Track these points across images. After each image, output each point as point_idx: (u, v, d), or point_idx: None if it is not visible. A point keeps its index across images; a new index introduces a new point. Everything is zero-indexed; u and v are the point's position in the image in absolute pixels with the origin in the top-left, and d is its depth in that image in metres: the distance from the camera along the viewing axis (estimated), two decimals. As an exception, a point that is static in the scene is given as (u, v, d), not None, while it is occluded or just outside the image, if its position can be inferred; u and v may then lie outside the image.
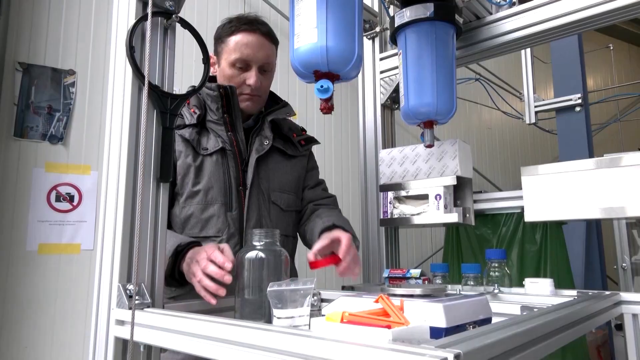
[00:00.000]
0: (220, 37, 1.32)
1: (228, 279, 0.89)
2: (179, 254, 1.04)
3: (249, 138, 1.32)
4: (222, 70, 1.31)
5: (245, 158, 1.30)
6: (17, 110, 2.14)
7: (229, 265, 0.91)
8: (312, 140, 1.48)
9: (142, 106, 0.84)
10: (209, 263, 0.94)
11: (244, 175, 1.27)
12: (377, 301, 0.67)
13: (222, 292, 0.90)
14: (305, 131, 1.49)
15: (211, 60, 1.36)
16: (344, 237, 1.12)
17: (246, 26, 1.29)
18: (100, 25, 2.40)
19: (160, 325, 0.76)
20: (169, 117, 0.90)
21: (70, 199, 2.23)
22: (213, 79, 1.38)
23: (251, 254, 0.90)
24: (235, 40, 1.28)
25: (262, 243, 0.92)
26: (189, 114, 1.28)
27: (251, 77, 1.28)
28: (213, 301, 0.92)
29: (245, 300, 0.88)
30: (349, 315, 0.61)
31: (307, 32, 0.92)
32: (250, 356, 0.60)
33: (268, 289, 0.75)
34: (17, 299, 2.07)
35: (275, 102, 1.42)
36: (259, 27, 1.30)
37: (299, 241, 1.45)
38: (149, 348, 0.83)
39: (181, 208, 1.25)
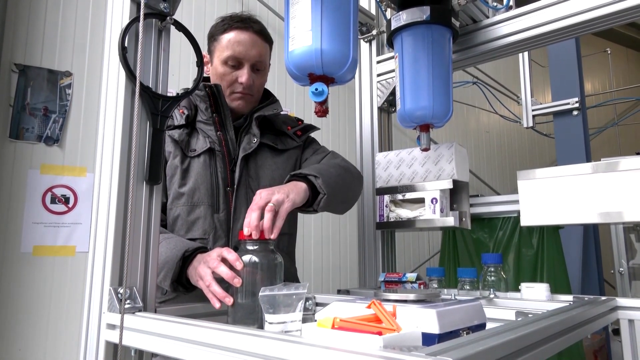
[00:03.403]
0: (213, 35, 1.31)
1: (238, 281, 0.87)
2: (186, 259, 1.03)
3: (239, 137, 1.31)
4: (215, 69, 1.30)
5: (234, 157, 1.28)
6: (13, 111, 2.13)
7: (240, 264, 0.88)
8: (310, 128, 1.45)
9: (135, 108, 0.83)
10: (220, 263, 0.91)
11: (232, 176, 1.26)
12: (369, 307, 0.66)
13: (229, 300, 0.88)
14: (302, 121, 1.46)
15: (204, 60, 1.35)
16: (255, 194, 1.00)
17: (239, 24, 1.28)
18: (97, 27, 2.40)
19: (151, 330, 0.75)
20: (159, 119, 0.89)
21: (66, 200, 2.22)
22: (207, 79, 1.37)
23: (244, 258, 0.89)
24: (228, 37, 1.27)
25: (255, 247, 0.91)
26: (178, 115, 1.27)
27: (243, 75, 1.27)
28: (217, 305, 0.90)
29: (237, 304, 0.87)
30: (340, 321, 0.61)
31: (301, 34, 0.92)
32: (241, 362, 0.59)
33: (260, 293, 0.74)
34: (11, 301, 2.05)
35: (267, 100, 1.41)
36: (251, 25, 1.29)
37: (297, 239, 1.43)
38: (140, 353, 0.82)
39: (169, 209, 1.24)
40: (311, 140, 1.47)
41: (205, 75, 1.37)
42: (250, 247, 0.91)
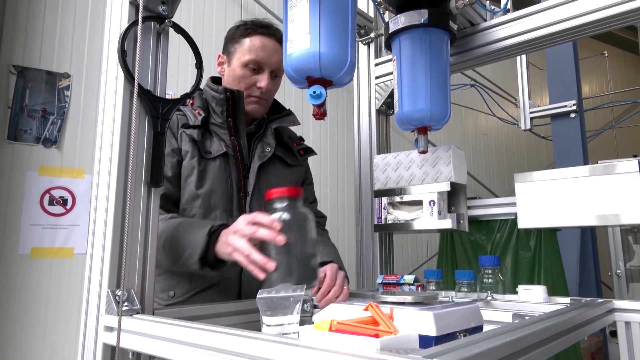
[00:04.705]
0: (234, 37, 1.31)
1: (281, 239, 0.83)
2: (212, 235, 0.99)
3: (250, 144, 1.31)
4: (233, 70, 1.30)
5: (247, 164, 1.28)
6: (11, 113, 2.13)
7: (277, 224, 0.84)
8: (311, 151, 1.48)
9: (133, 111, 0.84)
10: (257, 227, 0.87)
11: (245, 182, 1.27)
12: (366, 309, 0.67)
13: (271, 265, 0.84)
14: (304, 140, 1.49)
15: (219, 60, 1.35)
16: (328, 269, 1.12)
17: (263, 29, 1.29)
18: (95, 29, 2.40)
19: (148, 332, 0.75)
20: (160, 122, 0.89)
21: (64, 202, 2.22)
22: (218, 80, 1.36)
23: (274, 217, 0.86)
24: (252, 42, 1.28)
25: (284, 204, 0.87)
26: (192, 115, 1.25)
27: (263, 80, 1.28)
28: (262, 276, 0.86)
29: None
30: (338, 323, 0.61)
31: (299, 38, 0.92)
32: (238, 364, 0.59)
33: (257, 296, 0.74)
34: (8, 303, 2.05)
35: (276, 109, 1.41)
36: (274, 32, 1.30)
37: None
38: (138, 355, 0.82)
39: (183, 209, 1.22)
40: (308, 167, 1.50)
41: (217, 75, 1.37)
42: (278, 205, 0.88)
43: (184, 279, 1.20)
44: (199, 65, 1.00)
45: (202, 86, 1.32)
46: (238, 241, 0.91)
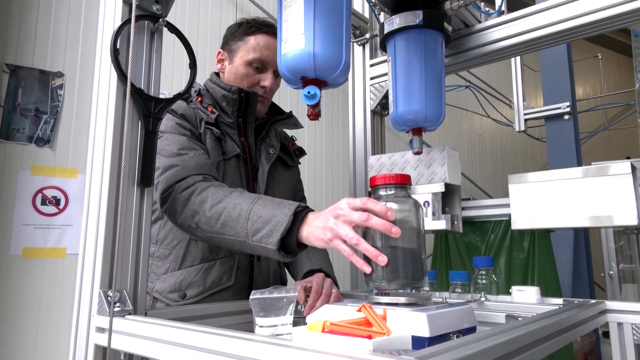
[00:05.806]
0: (237, 34, 1.29)
1: (397, 231, 0.75)
2: (296, 216, 0.90)
3: (256, 145, 1.31)
4: (236, 68, 1.28)
5: (255, 165, 1.28)
6: (4, 112, 2.11)
7: (392, 214, 0.76)
8: (303, 151, 1.48)
9: (126, 110, 0.83)
10: (369, 214, 0.77)
11: (254, 184, 1.26)
12: (359, 310, 0.66)
13: (383, 259, 0.75)
14: (295, 140, 1.49)
15: (219, 56, 1.34)
16: (314, 280, 1.07)
17: (267, 29, 1.28)
18: (89, 28, 2.39)
19: (140, 333, 0.74)
20: (152, 121, 0.88)
21: (57, 202, 2.20)
22: (217, 76, 1.35)
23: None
24: (257, 40, 1.26)
25: (391, 192, 0.81)
26: (203, 113, 1.23)
27: (267, 79, 1.27)
28: (368, 270, 0.79)
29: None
30: (331, 324, 0.61)
31: (294, 38, 0.92)
32: (230, 366, 0.59)
33: (250, 297, 0.74)
34: (0, 303, 2.03)
35: (273, 109, 1.41)
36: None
37: None
38: (129, 356, 0.81)
39: None
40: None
41: (216, 71, 1.36)
42: (383, 193, 0.81)
43: (199, 277, 1.14)
44: (193, 65, 1.00)
45: (203, 83, 1.31)
46: (343, 228, 0.80)
